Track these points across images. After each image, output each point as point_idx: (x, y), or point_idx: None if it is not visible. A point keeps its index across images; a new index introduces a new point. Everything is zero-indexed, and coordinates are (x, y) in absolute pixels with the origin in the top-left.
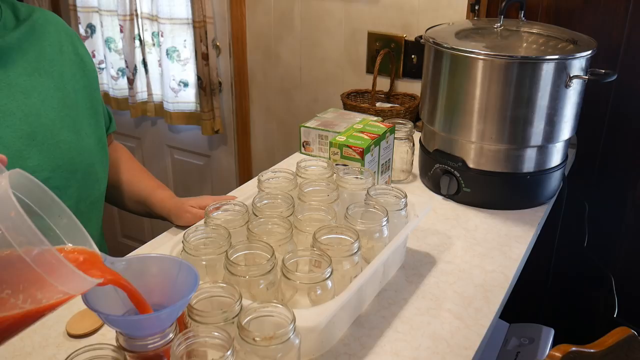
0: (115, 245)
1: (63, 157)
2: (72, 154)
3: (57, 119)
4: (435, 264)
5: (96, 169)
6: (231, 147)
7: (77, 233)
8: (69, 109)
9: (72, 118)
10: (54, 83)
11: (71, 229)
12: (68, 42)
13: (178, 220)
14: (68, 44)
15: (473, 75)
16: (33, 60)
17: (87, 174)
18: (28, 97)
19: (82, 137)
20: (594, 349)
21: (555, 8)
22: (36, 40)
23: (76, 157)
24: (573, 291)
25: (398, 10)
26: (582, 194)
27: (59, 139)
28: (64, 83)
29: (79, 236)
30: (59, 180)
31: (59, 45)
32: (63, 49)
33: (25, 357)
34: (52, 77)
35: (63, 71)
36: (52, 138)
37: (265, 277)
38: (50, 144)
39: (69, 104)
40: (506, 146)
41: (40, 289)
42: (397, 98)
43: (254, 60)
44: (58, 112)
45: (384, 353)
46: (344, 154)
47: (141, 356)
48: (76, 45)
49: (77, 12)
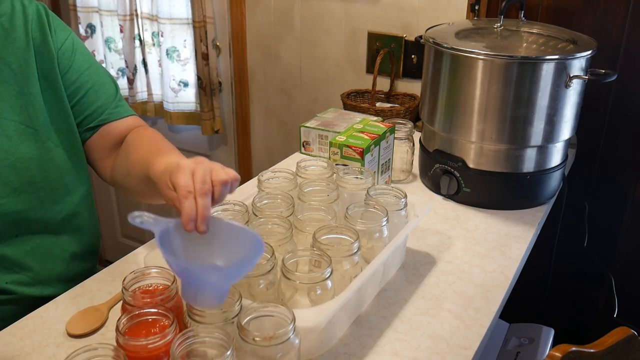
0: (115, 245)
1: (20, 179)
2: (32, 173)
3: (15, 134)
4: (435, 264)
5: (65, 181)
6: (231, 147)
7: None
8: (32, 118)
9: (36, 128)
10: (16, 89)
11: None
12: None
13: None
14: (36, 34)
15: (473, 75)
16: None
17: (54, 189)
18: None
19: (48, 149)
20: (594, 349)
21: (555, 8)
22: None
23: (38, 175)
24: (573, 291)
25: (398, 10)
26: (582, 194)
27: (16, 158)
28: (30, 86)
29: None
30: (18, 204)
31: (26, 40)
32: (29, 44)
33: (25, 357)
34: (15, 82)
35: (28, 72)
36: (5, 159)
37: (265, 277)
38: (4, 167)
39: (32, 112)
40: (506, 146)
41: None
42: (397, 98)
43: (254, 60)
44: (17, 124)
45: (384, 353)
46: (344, 154)
47: (141, 356)
48: (45, 31)
49: (77, 12)
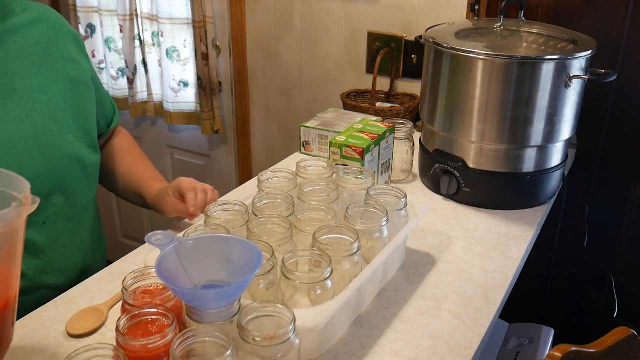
0: (115, 245)
1: (46, 165)
2: (57, 160)
3: (41, 123)
4: (435, 264)
5: (87, 173)
6: (231, 147)
7: (17, 183)
8: (55, 112)
9: (58, 122)
10: (38, 84)
11: (7, 181)
12: (59, 40)
13: (163, 207)
14: (58, 42)
15: (473, 75)
16: (16, 60)
17: (76, 179)
18: (9, 101)
19: (69, 141)
20: (594, 349)
21: (555, 8)
22: (21, 38)
23: (62, 163)
24: (573, 291)
25: (398, 10)
26: (582, 194)
27: (42, 144)
28: (50, 85)
29: (19, 185)
30: (42, 189)
31: (47, 44)
32: (51, 49)
33: (25, 357)
34: (37, 78)
35: (50, 72)
36: (34, 144)
37: (265, 277)
38: (32, 152)
39: (54, 107)
40: (506, 146)
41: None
42: (397, 98)
43: (254, 60)
44: (42, 115)
45: (384, 353)
46: (344, 154)
47: (141, 356)
48: (67, 43)
49: (77, 12)
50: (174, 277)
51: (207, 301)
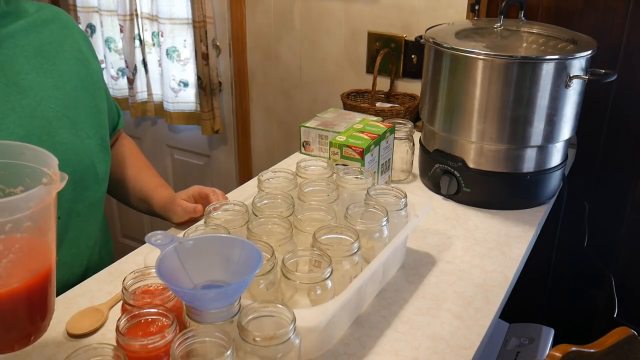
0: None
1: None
2: (69, 155)
3: (54, 119)
4: (435, 264)
5: (97, 170)
6: (231, 147)
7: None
8: (68, 109)
9: (71, 118)
10: (52, 81)
11: (36, 157)
12: (71, 39)
13: (172, 216)
14: (71, 42)
15: (473, 75)
16: (31, 58)
17: (86, 175)
18: (24, 97)
19: (81, 138)
20: (594, 349)
21: (555, 8)
22: (35, 37)
23: (73, 159)
24: (573, 291)
25: (398, 10)
26: (582, 194)
27: (56, 140)
28: (64, 82)
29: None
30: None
31: (60, 43)
32: (64, 47)
33: (25, 357)
34: (51, 75)
35: (63, 70)
36: (48, 139)
37: (265, 277)
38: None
39: (67, 104)
40: (506, 146)
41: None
42: (397, 98)
43: (254, 60)
44: (55, 112)
45: (384, 353)
46: (344, 154)
47: (141, 356)
48: (79, 43)
49: (77, 12)
50: (174, 277)
51: (207, 301)
